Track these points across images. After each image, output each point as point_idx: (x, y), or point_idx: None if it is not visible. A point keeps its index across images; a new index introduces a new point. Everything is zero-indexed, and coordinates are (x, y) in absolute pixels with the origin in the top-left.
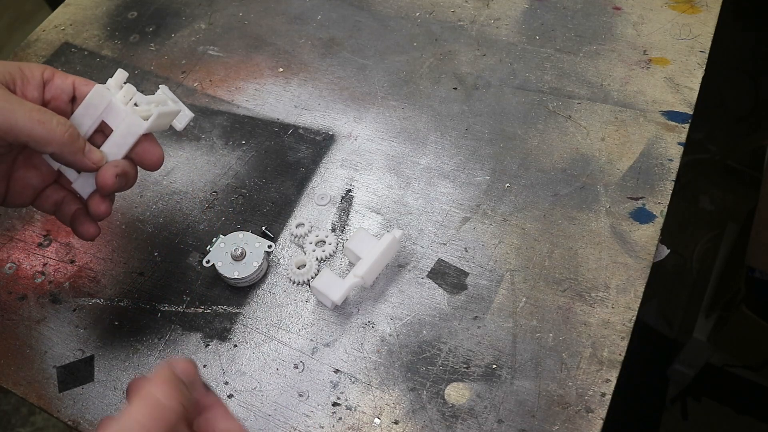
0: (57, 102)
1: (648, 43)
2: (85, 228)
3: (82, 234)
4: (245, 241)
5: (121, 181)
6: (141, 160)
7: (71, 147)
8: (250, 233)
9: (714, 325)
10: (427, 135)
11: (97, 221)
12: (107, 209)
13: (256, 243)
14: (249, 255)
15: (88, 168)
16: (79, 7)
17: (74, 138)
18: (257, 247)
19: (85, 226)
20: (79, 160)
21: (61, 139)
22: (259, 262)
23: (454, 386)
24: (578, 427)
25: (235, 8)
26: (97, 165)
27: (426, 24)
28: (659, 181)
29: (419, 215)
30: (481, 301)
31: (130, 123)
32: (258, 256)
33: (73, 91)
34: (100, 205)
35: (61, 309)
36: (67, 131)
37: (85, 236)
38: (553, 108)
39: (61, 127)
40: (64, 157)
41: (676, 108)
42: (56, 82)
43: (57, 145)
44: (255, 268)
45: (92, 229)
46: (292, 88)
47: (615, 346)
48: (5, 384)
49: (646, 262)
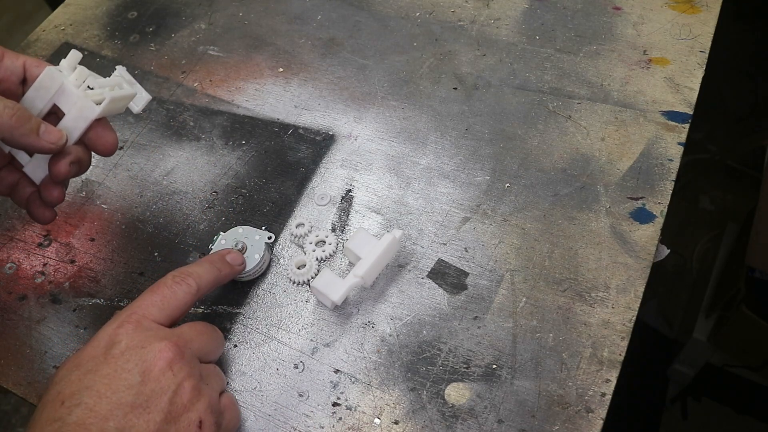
0: (6, 84)
1: (648, 43)
2: (41, 212)
3: (38, 218)
4: (245, 235)
5: (74, 168)
6: (94, 145)
7: (20, 130)
8: (249, 227)
9: (714, 325)
10: (427, 135)
11: (52, 207)
12: (60, 195)
13: (256, 236)
14: (250, 248)
15: (47, 149)
16: (79, 7)
17: (23, 120)
18: (257, 240)
19: (40, 211)
20: (34, 141)
21: (8, 123)
22: (261, 254)
23: (454, 386)
24: (578, 427)
25: (235, 8)
26: (57, 144)
27: (426, 24)
28: (659, 181)
29: (419, 215)
30: (481, 301)
31: (81, 107)
32: (259, 249)
33: (24, 72)
34: (52, 192)
35: (61, 309)
36: (15, 114)
37: (41, 221)
38: (553, 108)
39: (8, 110)
40: (15, 141)
41: (676, 108)
42: (5, 63)
43: (6, 128)
44: (257, 261)
45: (48, 214)
46: (292, 88)
47: (615, 346)
48: (5, 384)
49: (646, 262)
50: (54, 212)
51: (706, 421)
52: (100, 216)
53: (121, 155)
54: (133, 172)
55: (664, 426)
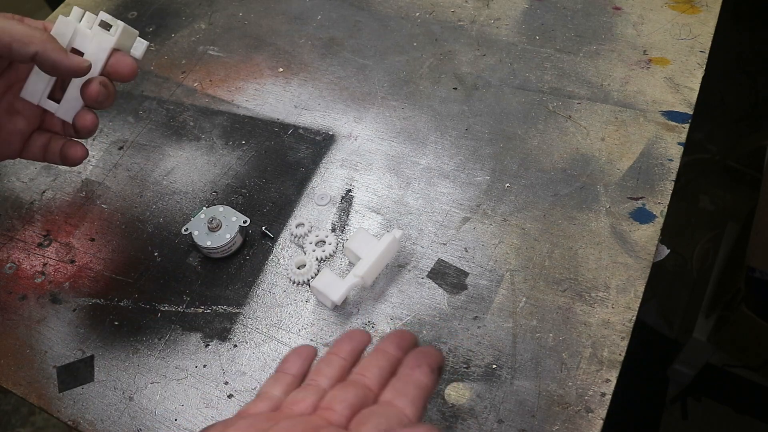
0: None
1: (648, 43)
2: (74, 151)
3: (72, 156)
4: (224, 214)
5: (103, 91)
6: (116, 71)
7: (53, 44)
8: (230, 208)
9: (714, 325)
10: (427, 135)
11: (87, 135)
12: (94, 120)
13: (233, 217)
14: (224, 228)
15: (75, 67)
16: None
17: (54, 39)
18: (233, 222)
19: (72, 150)
20: (63, 58)
21: (43, 36)
22: (232, 235)
23: (454, 386)
24: (578, 427)
25: (235, 8)
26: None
27: (426, 24)
28: (659, 181)
29: (419, 215)
30: (481, 301)
31: (99, 40)
32: (232, 230)
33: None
34: (86, 118)
35: (61, 309)
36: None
37: (76, 158)
38: (553, 108)
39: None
40: (48, 57)
41: (676, 108)
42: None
43: (39, 42)
44: (227, 240)
45: (80, 150)
46: (292, 88)
47: (615, 346)
48: (5, 384)
49: (646, 262)
50: (85, 148)
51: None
52: (100, 216)
53: (121, 155)
54: (133, 172)
55: (664, 426)
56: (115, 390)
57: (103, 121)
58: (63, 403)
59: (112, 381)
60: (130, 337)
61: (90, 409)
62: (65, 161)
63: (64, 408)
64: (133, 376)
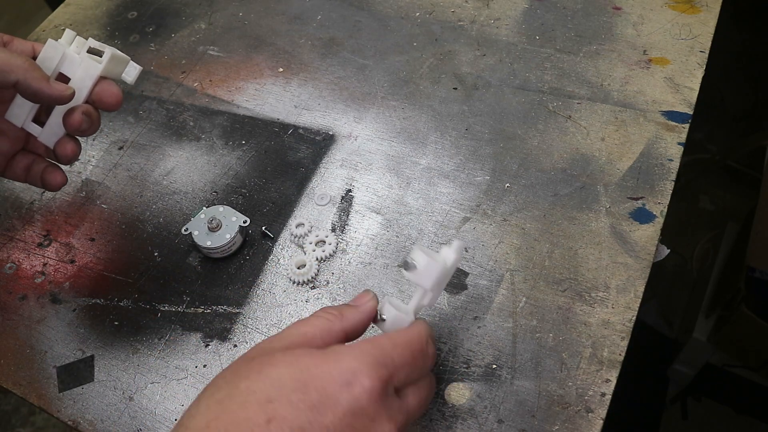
0: None
1: (648, 43)
2: (53, 177)
3: (51, 182)
4: (224, 214)
5: (86, 121)
6: (101, 100)
7: (34, 73)
8: (230, 208)
9: (714, 325)
10: (427, 135)
11: (67, 163)
12: (74, 148)
13: (233, 217)
14: (224, 227)
15: (57, 95)
16: (79, 7)
17: (36, 66)
18: (233, 221)
19: (52, 176)
20: (45, 87)
21: (24, 65)
22: (232, 235)
23: (454, 386)
24: (578, 427)
25: (235, 8)
26: (64, 93)
27: (426, 24)
28: (659, 181)
29: (419, 215)
30: (481, 301)
31: (86, 67)
32: (232, 230)
33: (34, 52)
34: (66, 147)
35: (61, 309)
36: (28, 60)
37: (54, 184)
38: (553, 108)
39: (22, 56)
40: (29, 85)
41: (676, 108)
42: (15, 45)
43: (21, 71)
44: (227, 240)
45: (59, 177)
46: (292, 88)
47: (615, 346)
48: (5, 384)
49: (646, 262)
50: (65, 175)
51: (706, 421)
52: (100, 216)
53: (121, 155)
54: (133, 172)
55: (664, 426)
56: (115, 390)
57: (104, 121)
58: (63, 403)
59: (112, 381)
60: (130, 337)
61: (90, 409)
62: (44, 186)
63: (64, 408)
64: (133, 376)
